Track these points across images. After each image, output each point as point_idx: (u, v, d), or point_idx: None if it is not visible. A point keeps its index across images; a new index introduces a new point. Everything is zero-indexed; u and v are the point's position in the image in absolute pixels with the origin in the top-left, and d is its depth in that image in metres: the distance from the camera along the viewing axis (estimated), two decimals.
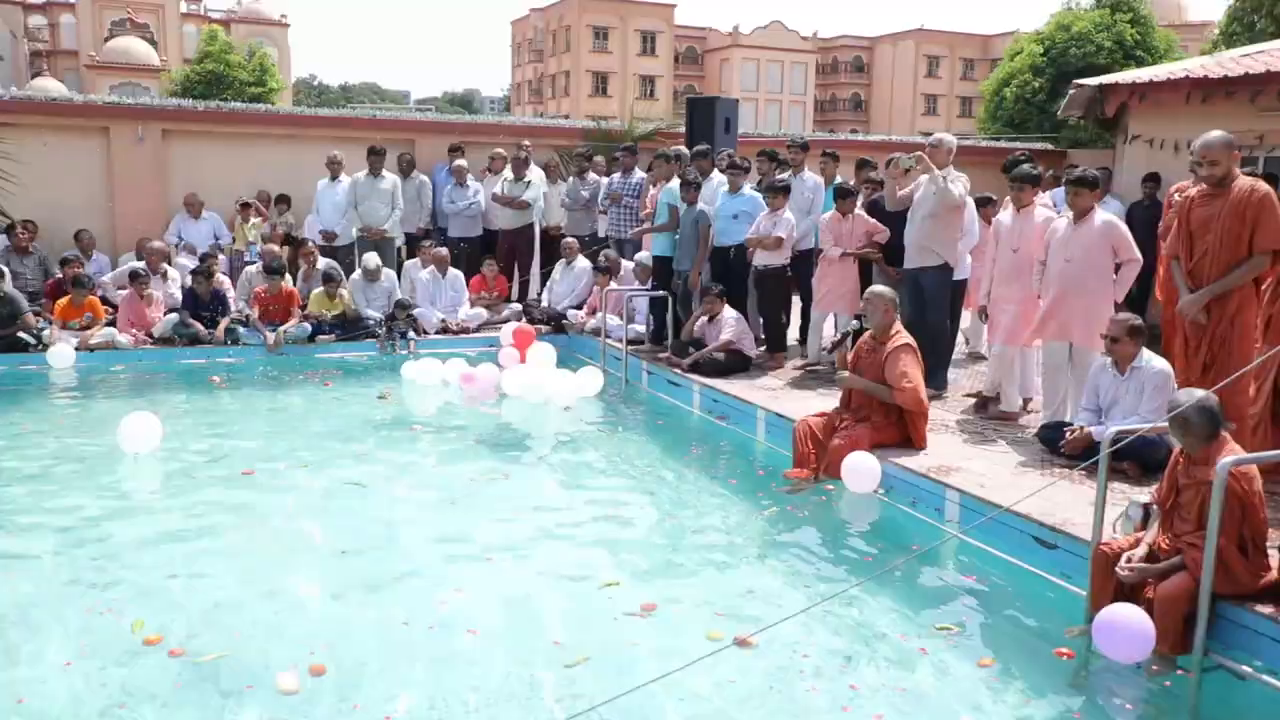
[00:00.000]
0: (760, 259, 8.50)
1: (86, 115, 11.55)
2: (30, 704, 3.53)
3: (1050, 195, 9.14)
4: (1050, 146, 17.07)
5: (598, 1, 63.35)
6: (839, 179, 9.04)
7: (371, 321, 10.11)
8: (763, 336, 9.00)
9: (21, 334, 8.92)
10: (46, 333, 9.06)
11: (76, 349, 8.92)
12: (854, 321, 6.86)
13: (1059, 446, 5.58)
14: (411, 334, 10.05)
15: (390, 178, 11.11)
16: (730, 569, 4.92)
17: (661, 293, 9.19)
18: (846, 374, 6.40)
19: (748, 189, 8.93)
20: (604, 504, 5.93)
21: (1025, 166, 6.85)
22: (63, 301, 9.36)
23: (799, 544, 5.30)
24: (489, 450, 7.04)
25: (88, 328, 9.25)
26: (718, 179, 9.19)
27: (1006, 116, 26.15)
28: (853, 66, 72.33)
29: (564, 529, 5.48)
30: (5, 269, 9.46)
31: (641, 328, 9.69)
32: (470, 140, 12.57)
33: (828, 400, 7.04)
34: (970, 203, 7.62)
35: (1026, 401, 7.07)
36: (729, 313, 8.46)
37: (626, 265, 10.28)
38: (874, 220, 8.13)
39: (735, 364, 8.31)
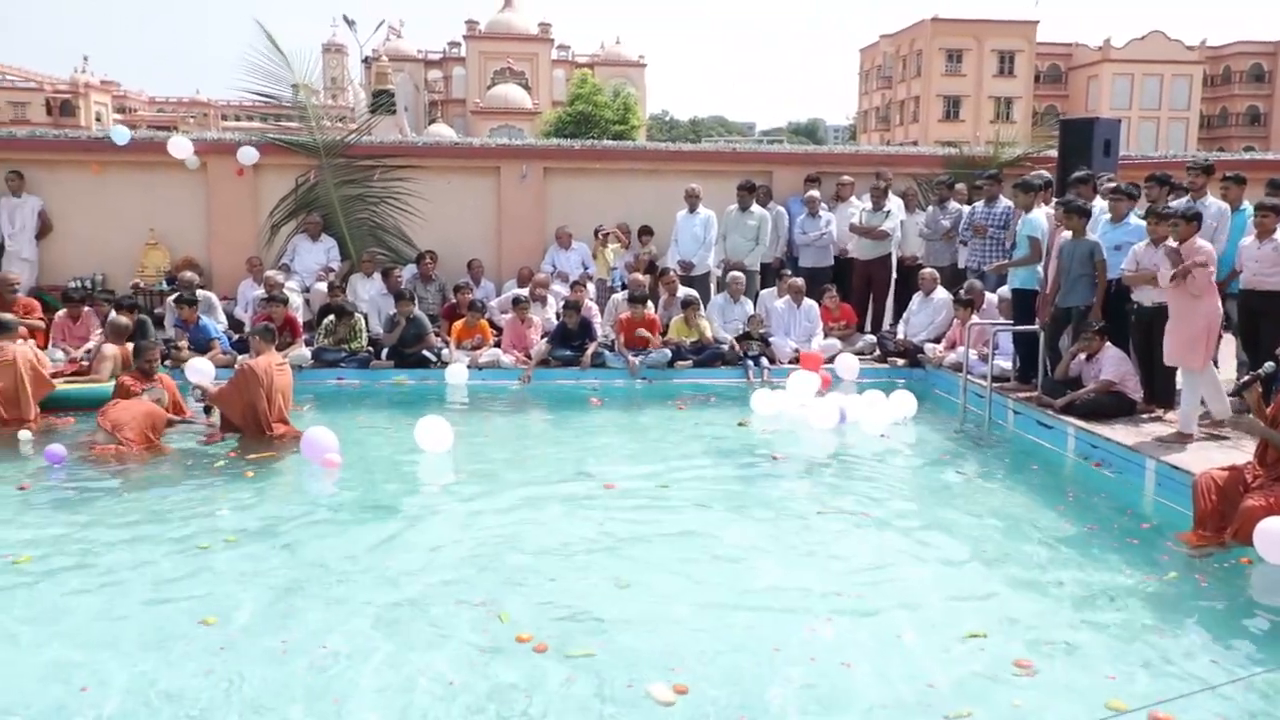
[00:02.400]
0: (1143, 295, 7.72)
1: (483, 156, 12.88)
2: (398, 680, 3.90)
3: None
4: None
5: (952, 24, 61.37)
6: (1245, 204, 8.04)
7: (725, 347, 10.36)
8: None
9: (425, 352, 10.06)
10: (445, 352, 10.15)
11: (469, 367, 9.90)
12: (1269, 363, 6.01)
13: None
14: (765, 360, 10.17)
15: (758, 212, 11.37)
16: (1120, 634, 4.46)
17: (1032, 328, 8.62)
18: (1257, 422, 5.61)
19: (1133, 218, 8.17)
20: (967, 547, 5.62)
21: None
22: (458, 324, 10.46)
23: (1203, 615, 4.71)
24: (845, 483, 6.94)
25: (478, 348, 10.26)
26: (1095, 207, 8.50)
27: None
28: (1249, 76, 64.56)
29: (922, 569, 5.28)
30: (415, 294, 10.72)
31: (1006, 364, 9.14)
32: (826, 170, 12.57)
33: (1235, 453, 6.23)
34: None
35: None
36: (1111, 351, 7.77)
37: (990, 298, 9.77)
38: None
39: (1115, 407, 7.60)
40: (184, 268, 11.50)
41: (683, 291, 10.91)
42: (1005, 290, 9.45)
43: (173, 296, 10.47)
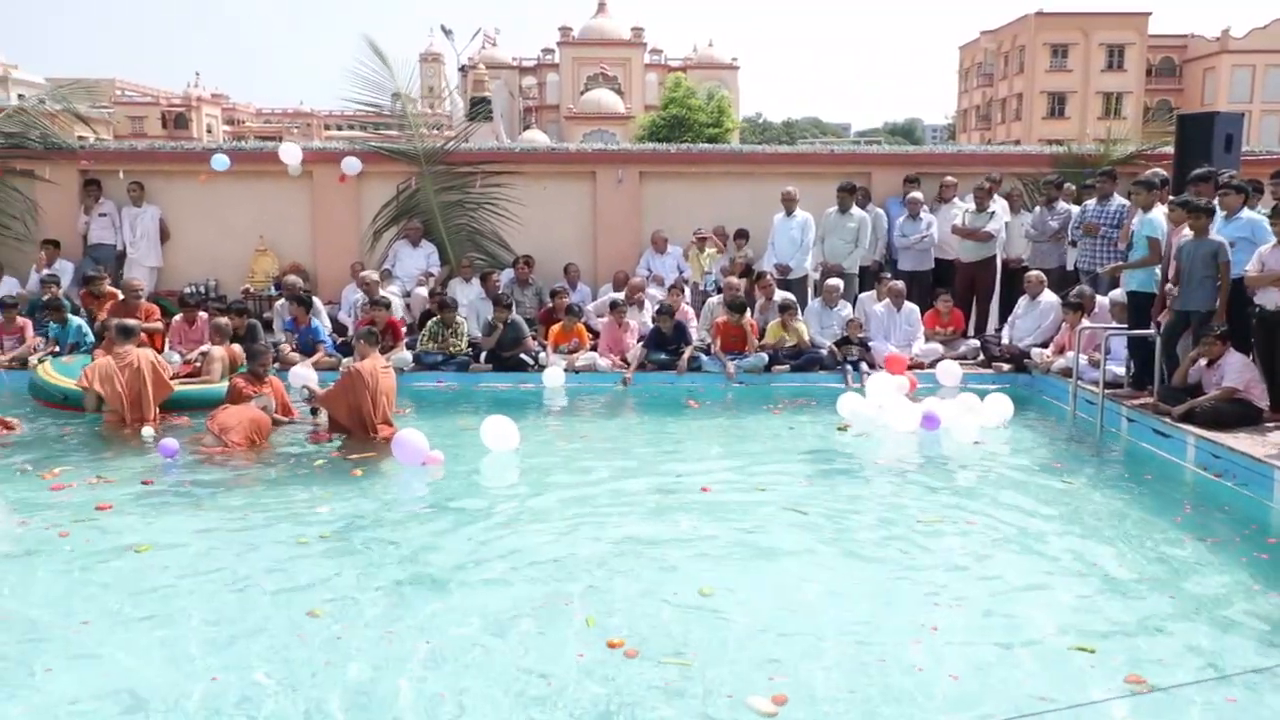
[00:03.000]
0: (1267, 298, 7.33)
1: (579, 161, 12.97)
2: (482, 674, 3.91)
3: None
4: None
5: (1057, 18, 59.57)
6: None
7: (823, 351, 10.22)
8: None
9: (523, 355, 10.16)
10: (542, 355, 10.24)
11: (565, 370, 9.97)
12: None
13: None
14: (865, 366, 10.00)
15: (858, 214, 11.20)
16: (1244, 653, 4.23)
17: (1148, 332, 8.27)
18: None
19: (1246, 212, 7.79)
20: (1075, 558, 5.40)
21: None
22: (555, 328, 10.55)
23: None
24: (947, 491, 6.75)
25: (574, 351, 10.33)
26: None
27: None
28: None
29: (1028, 580, 5.11)
30: (512, 299, 10.85)
31: (1119, 370, 8.79)
32: (926, 171, 12.30)
33: None
34: None
35: None
36: (1234, 356, 7.40)
37: (1101, 301, 9.42)
38: None
39: (1239, 415, 7.24)
40: (290, 273, 11.88)
41: (779, 295, 10.80)
42: (1117, 293, 9.09)
43: (282, 299, 10.82)
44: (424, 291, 11.64)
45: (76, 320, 10.27)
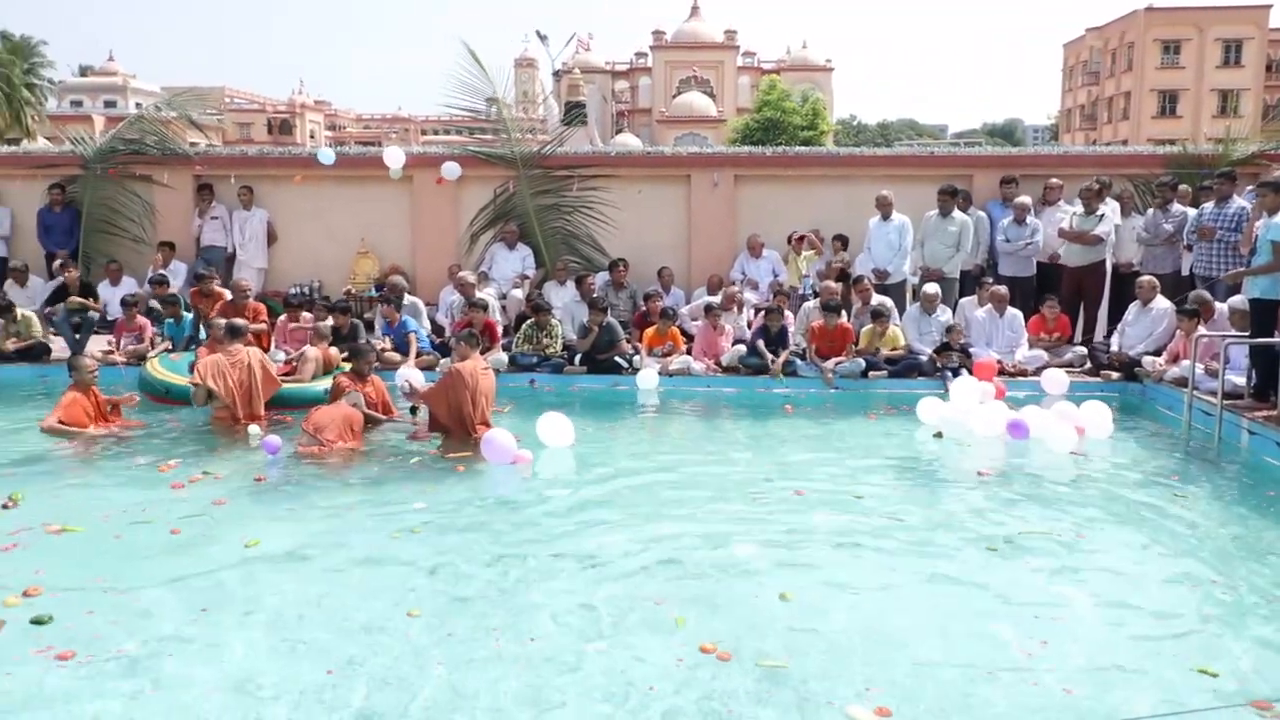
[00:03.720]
0: None
1: (674, 165, 12.97)
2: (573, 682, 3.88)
3: None
4: None
5: (1169, 13, 57.33)
6: None
7: (923, 357, 10.00)
8: None
9: (617, 358, 10.19)
10: (636, 358, 10.25)
11: (659, 373, 9.96)
12: None
13: None
14: (965, 372, 9.74)
15: (960, 218, 10.95)
16: None
17: (1274, 340, 7.87)
18: None
19: None
20: (1188, 576, 5.15)
21: None
22: (649, 331, 10.55)
23: None
24: (1051, 501, 6.51)
25: (668, 355, 10.32)
26: None
27: None
28: None
29: (1140, 597, 4.88)
30: (607, 302, 10.88)
31: (1239, 380, 8.38)
32: (1030, 173, 11.95)
33: None
34: None
35: None
36: None
37: (1220, 308, 9.00)
38: None
39: None
40: (391, 274, 12.15)
41: (876, 300, 10.61)
42: (1237, 300, 8.67)
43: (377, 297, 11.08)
44: (519, 294, 11.77)
45: (189, 317, 10.66)
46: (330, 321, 10.06)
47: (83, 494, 6.47)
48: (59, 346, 10.72)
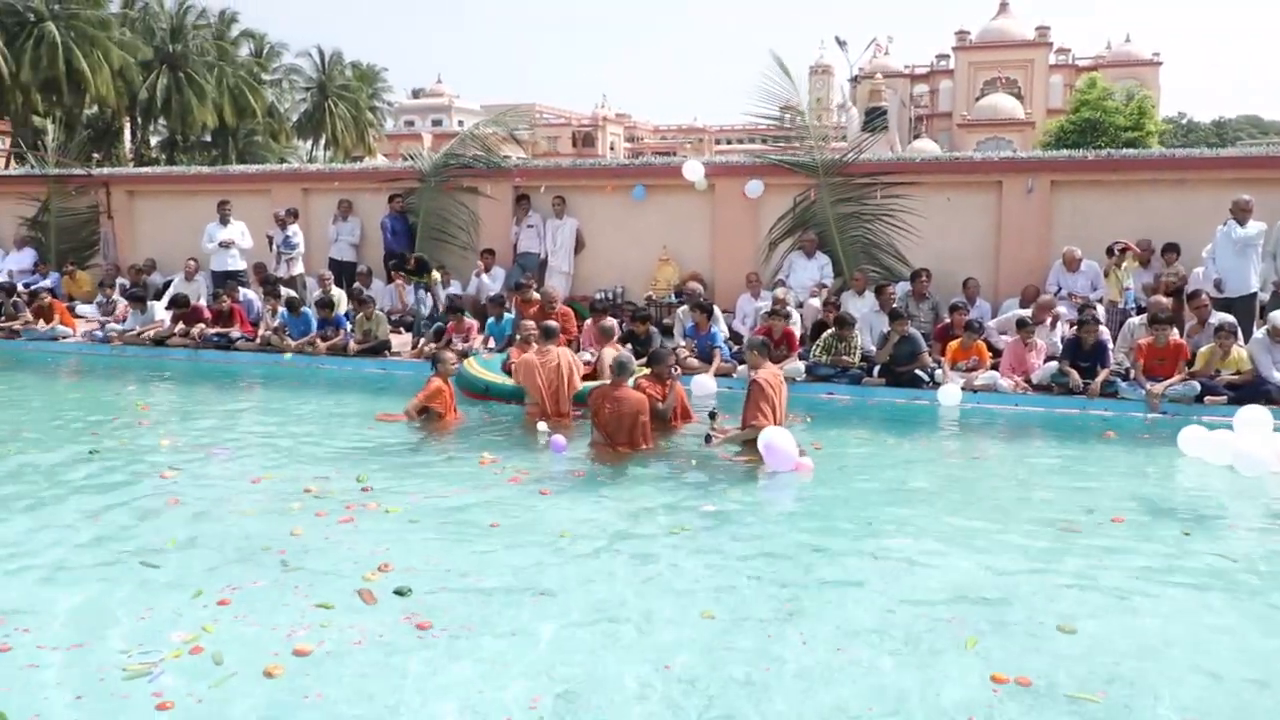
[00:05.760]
0: None
1: (984, 171, 12.35)
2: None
3: None
4: None
5: None
6: None
7: (1272, 386, 8.88)
8: None
9: (918, 371, 9.85)
10: (938, 372, 9.85)
11: (962, 389, 9.52)
12: None
13: None
14: None
15: None
16: None
17: None
18: None
19: None
20: None
21: None
22: (953, 344, 10.12)
23: None
24: None
25: (973, 370, 9.84)
26: None
27: None
28: None
29: None
30: (908, 313, 10.54)
31: None
32: None
33: None
34: None
35: None
36: None
37: None
38: None
39: None
40: (691, 281, 12.45)
41: (1217, 317, 9.55)
42: None
43: (683, 305, 11.35)
44: (817, 303, 11.67)
45: (509, 317, 11.46)
46: (611, 321, 10.33)
47: (408, 481, 7.00)
48: (396, 343, 11.89)
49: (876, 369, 10.06)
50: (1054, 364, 9.65)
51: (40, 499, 6.38)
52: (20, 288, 14.56)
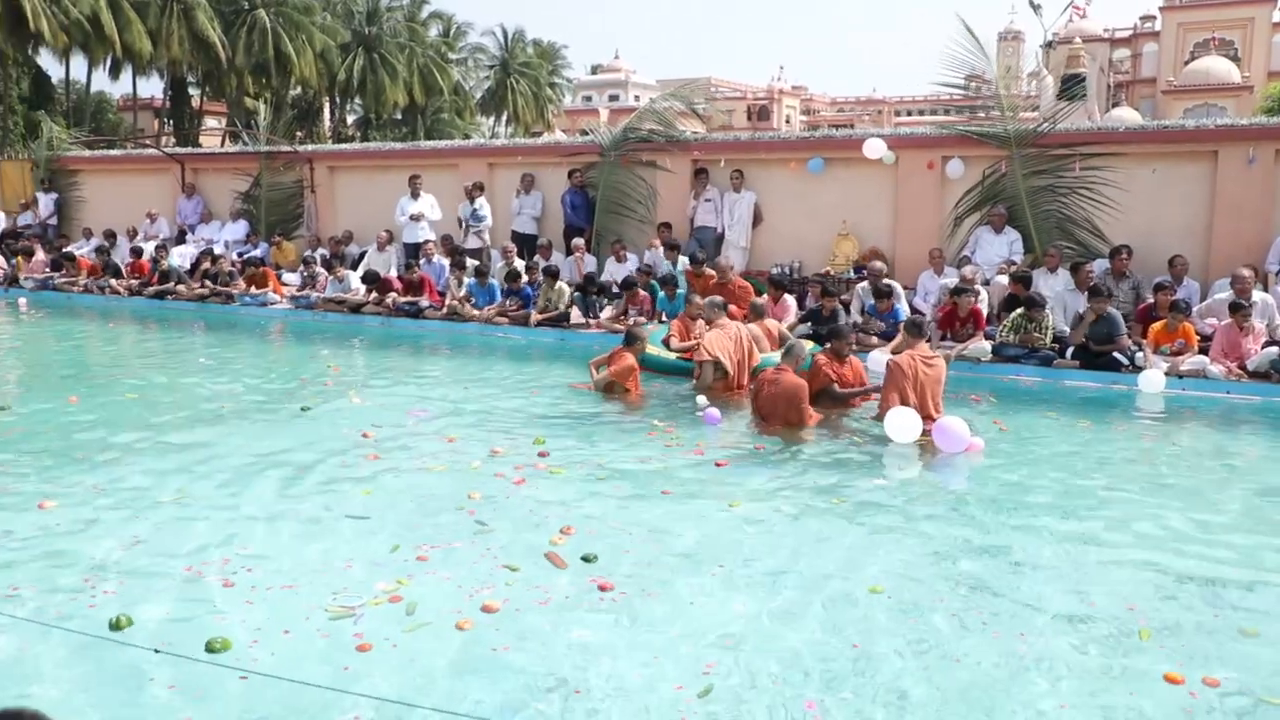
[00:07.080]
0: None
1: (1197, 140, 11.44)
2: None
3: None
4: None
5: None
6: None
7: None
8: None
9: (1116, 354, 9.28)
10: (1139, 356, 9.26)
11: (1166, 374, 8.91)
12: None
13: None
14: None
15: None
16: None
17: None
18: None
19: None
20: None
21: None
22: (1157, 326, 9.46)
23: None
24: None
25: (1179, 354, 9.19)
26: None
27: None
28: None
29: None
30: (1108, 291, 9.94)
31: None
32: None
33: None
34: None
35: None
36: None
37: None
38: None
39: None
40: (871, 258, 12.15)
41: None
42: None
43: (863, 282, 11.08)
44: (1004, 280, 11.16)
45: (681, 293, 11.50)
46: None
47: (581, 449, 7.13)
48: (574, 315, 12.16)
49: (1070, 351, 9.54)
50: (1275, 349, 8.90)
51: (260, 453, 6.87)
52: (235, 257, 15.74)
